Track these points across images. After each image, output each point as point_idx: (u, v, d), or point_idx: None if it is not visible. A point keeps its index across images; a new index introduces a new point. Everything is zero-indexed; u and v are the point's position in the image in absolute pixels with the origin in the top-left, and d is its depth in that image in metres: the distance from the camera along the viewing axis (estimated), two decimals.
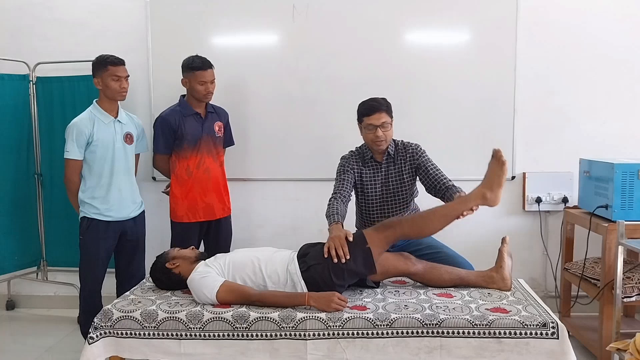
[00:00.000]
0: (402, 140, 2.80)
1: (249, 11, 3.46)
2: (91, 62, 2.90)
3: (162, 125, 3.02)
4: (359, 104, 2.73)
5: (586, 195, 3.07)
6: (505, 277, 2.44)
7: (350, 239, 2.36)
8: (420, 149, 2.77)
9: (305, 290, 2.29)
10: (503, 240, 2.53)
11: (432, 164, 2.72)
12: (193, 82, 2.98)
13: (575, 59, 3.39)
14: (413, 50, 3.44)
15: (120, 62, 2.87)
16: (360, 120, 2.72)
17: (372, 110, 2.65)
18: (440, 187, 2.66)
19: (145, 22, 3.53)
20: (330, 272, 2.30)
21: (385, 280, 2.57)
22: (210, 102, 3.12)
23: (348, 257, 2.30)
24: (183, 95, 3.11)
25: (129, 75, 2.92)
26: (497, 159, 2.39)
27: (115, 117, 2.92)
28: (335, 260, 2.29)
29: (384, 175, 2.76)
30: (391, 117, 2.68)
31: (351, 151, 2.84)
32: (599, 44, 3.37)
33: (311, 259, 2.36)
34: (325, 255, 2.32)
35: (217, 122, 3.15)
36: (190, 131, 3.03)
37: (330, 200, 2.67)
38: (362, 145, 2.81)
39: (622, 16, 3.36)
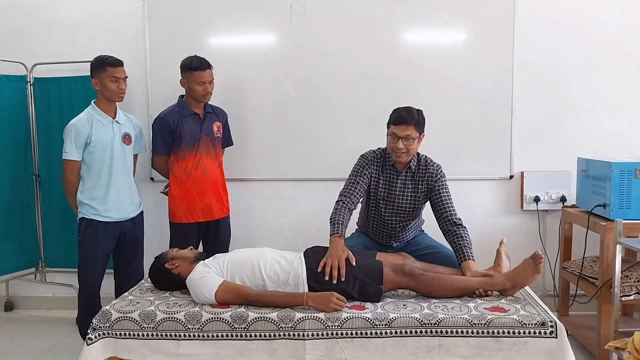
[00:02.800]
0: (425, 156, 2.71)
1: (247, 11, 3.46)
2: (89, 63, 2.90)
3: (161, 126, 3.02)
4: (393, 110, 2.63)
5: (584, 194, 3.08)
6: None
7: (353, 263, 2.33)
8: (441, 171, 2.69)
9: (307, 291, 2.29)
10: (501, 242, 2.54)
11: (447, 193, 2.66)
12: (191, 82, 2.98)
13: (572, 58, 3.39)
14: (410, 50, 3.44)
15: (118, 63, 2.87)
16: (388, 126, 2.62)
17: (399, 120, 2.55)
18: (446, 218, 2.61)
19: (142, 22, 3.52)
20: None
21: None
22: (208, 103, 3.11)
23: (343, 279, 2.29)
24: (181, 96, 3.10)
25: (127, 77, 2.91)
26: (534, 263, 2.32)
27: (114, 118, 2.92)
28: (327, 278, 2.29)
29: (400, 189, 2.68)
30: (420, 132, 2.57)
31: (374, 152, 2.73)
32: (596, 43, 3.37)
33: (322, 274, 2.32)
34: (319, 270, 2.31)
35: (216, 122, 3.15)
36: (189, 132, 3.02)
37: (337, 202, 2.59)
38: (386, 148, 2.70)
39: (619, 16, 3.36)
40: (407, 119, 2.53)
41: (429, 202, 2.71)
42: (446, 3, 3.40)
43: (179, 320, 2.17)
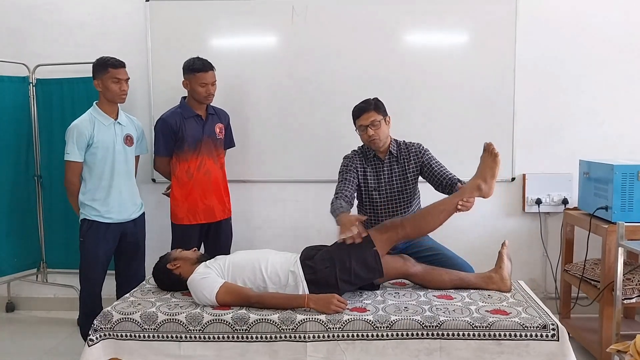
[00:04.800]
0: (404, 141, 2.82)
1: (249, 13, 3.47)
2: (91, 64, 2.91)
3: (163, 128, 3.02)
4: (352, 109, 2.76)
5: (586, 197, 3.07)
6: (504, 277, 2.45)
7: (363, 219, 2.39)
8: (423, 147, 2.79)
9: (307, 292, 2.29)
10: (503, 243, 2.54)
11: (436, 161, 2.76)
12: (194, 83, 2.98)
13: (574, 60, 3.40)
14: (412, 52, 3.44)
15: (120, 65, 2.87)
16: (354, 124, 2.75)
17: (360, 111, 2.70)
18: (446, 183, 2.68)
19: (144, 24, 3.53)
20: (337, 278, 2.30)
21: (385, 282, 2.57)
22: (210, 104, 3.12)
23: (365, 234, 2.32)
24: (184, 97, 3.11)
25: (129, 78, 2.92)
26: (489, 152, 2.44)
27: (116, 119, 2.92)
28: (350, 241, 2.29)
29: (388, 174, 2.76)
30: (382, 114, 2.70)
31: (354, 150, 2.85)
32: (598, 46, 3.38)
33: (318, 262, 2.35)
34: (340, 242, 2.32)
35: (218, 123, 3.15)
36: (191, 133, 3.03)
37: (332, 200, 2.65)
38: (364, 145, 2.81)
39: (621, 17, 3.36)
40: (365, 108, 2.69)
41: (426, 180, 2.76)
42: (448, 5, 3.40)
43: (180, 321, 2.17)
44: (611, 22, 3.36)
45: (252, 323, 2.15)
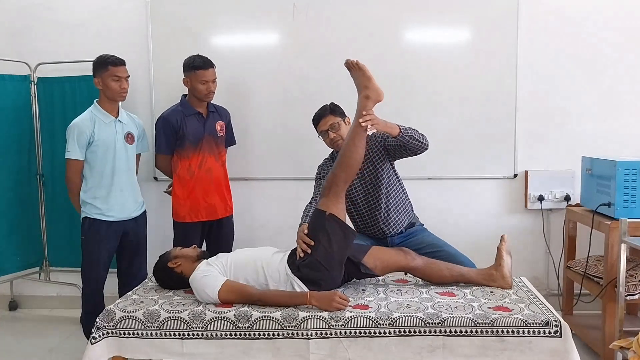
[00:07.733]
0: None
1: (250, 10, 3.46)
2: (92, 62, 2.90)
3: (164, 125, 3.02)
4: (312, 118, 2.82)
5: (588, 193, 3.07)
6: (504, 275, 2.43)
7: (305, 231, 2.39)
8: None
9: (303, 288, 2.30)
10: (502, 238, 2.52)
11: None
12: (194, 81, 2.98)
13: (575, 57, 3.38)
14: (414, 50, 3.43)
15: (120, 63, 2.87)
16: (317, 131, 2.80)
17: (318, 118, 2.78)
18: None
19: (145, 22, 3.52)
20: (319, 261, 2.31)
21: (387, 279, 2.57)
22: (211, 102, 3.11)
23: (312, 243, 2.34)
24: (184, 95, 3.11)
25: (129, 76, 2.92)
26: (352, 66, 2.46)
27: (116, 117, 2.93)
28: (302, 255, 2.34)
29: (359, 170, 2.71)
30: (340, 116, 2.75)
31: (325, 159, 2.91)
32: (599, 43, 3.36)
33: (298, 258, 2.36)
34: (298, 258, 2.36)
35: (219, 121, 3.15)
36: (192, 131, 3.03)
37: (306, 206, 2.69)
38: (334, 150, 2.86)
39: (621, 15, 3.35)
40: (322, 113, 2.78)
41: (398, 155, 2.71)
42: (450, 3, 3.39)
43: (183, 319, 2.17)
44: (613, 18, 3.35)
45: (254, 320, 2.15)
